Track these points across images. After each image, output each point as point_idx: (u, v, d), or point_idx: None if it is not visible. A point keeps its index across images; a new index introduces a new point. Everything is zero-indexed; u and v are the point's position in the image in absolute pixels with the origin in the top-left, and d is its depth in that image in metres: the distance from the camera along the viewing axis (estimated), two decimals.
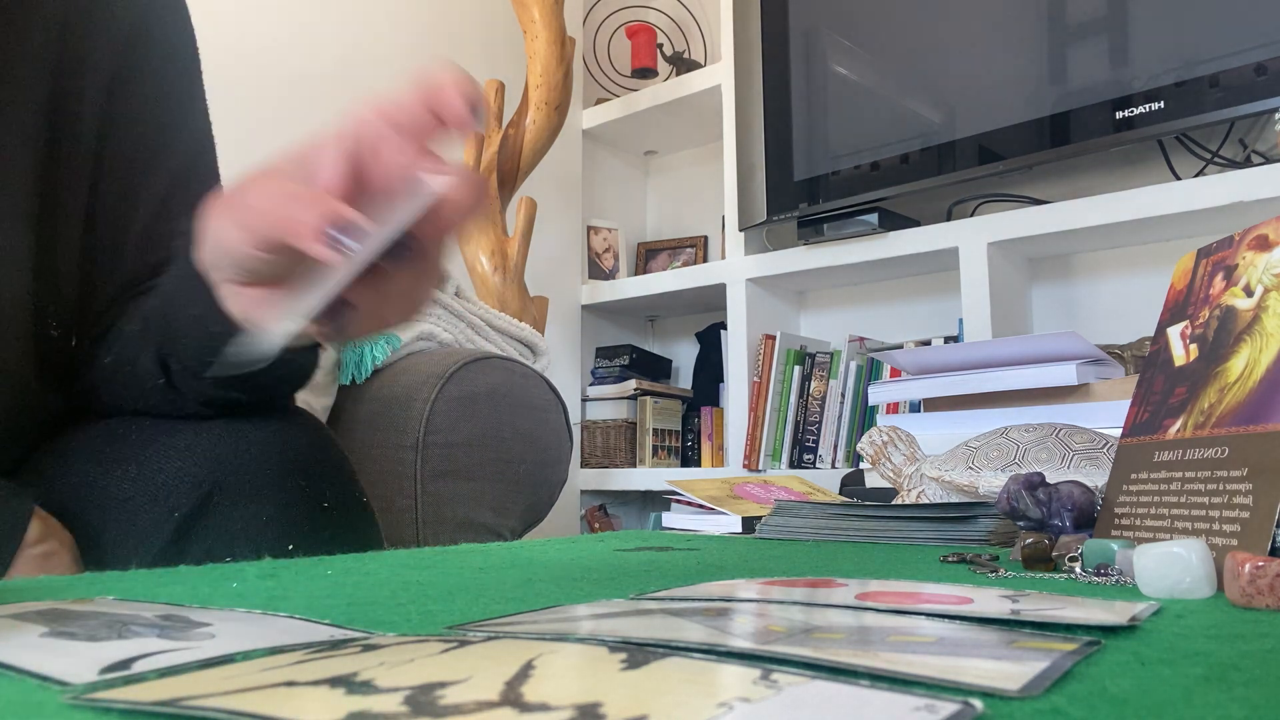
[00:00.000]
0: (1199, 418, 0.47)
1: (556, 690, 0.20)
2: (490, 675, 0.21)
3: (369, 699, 0.19)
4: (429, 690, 0.19)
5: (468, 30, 2.19)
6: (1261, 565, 0.33)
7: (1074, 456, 0.72)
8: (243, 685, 0.20)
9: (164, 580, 0.42)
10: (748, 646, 0.23)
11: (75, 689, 0.21)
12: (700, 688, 0.20)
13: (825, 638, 0.25)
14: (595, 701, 0.19)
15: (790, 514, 0.76)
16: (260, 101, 1.76)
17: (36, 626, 0.27)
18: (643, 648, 0.24)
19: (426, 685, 0.20)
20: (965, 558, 0.52)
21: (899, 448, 0.89)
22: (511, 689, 0.20)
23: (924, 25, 1.79)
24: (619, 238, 2.50)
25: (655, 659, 0.23)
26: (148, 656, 0.24)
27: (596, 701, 0.19)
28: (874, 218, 1.82)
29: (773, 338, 2.02)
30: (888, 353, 1.61)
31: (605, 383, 2.33)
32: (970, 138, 1.70)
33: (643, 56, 2.42)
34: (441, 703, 0.19)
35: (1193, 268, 0.54)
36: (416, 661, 0.22)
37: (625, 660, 0.23)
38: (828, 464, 1.93)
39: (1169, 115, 1.46)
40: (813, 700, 0.19)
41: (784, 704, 0.19)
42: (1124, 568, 0.42)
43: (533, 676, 0.21)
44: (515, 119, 2.01)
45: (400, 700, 0.19)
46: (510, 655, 0.23)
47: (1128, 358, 1.59)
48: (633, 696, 0.19)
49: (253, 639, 0.26)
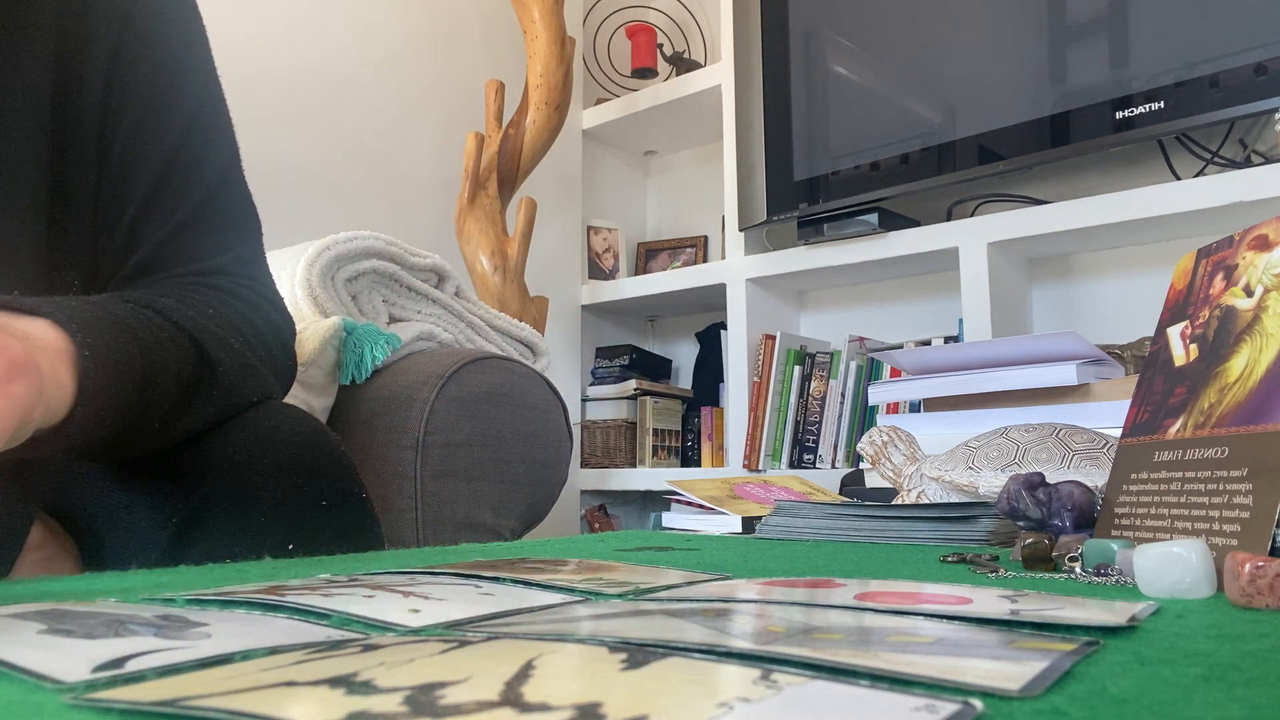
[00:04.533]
0: (1199, 418, 0.47)
1: (557, 690, 0.20)
2: (490, 675, 0.21)
3: (369, 699, 0.19)
4: (429, 690, 0.19)
5: (468, 30, 2.19)
6: (1261, 565, 0.33)
7: (1074, 456, 0.72)
8: (243, 685, 0.20)
9: (164, 580, 0.42)
10: (747, 647, 0.23)
11: (73, 688, 0.21)
12: (700, 688, 0.20)
13: (824, 638, 0.25)
14: (595, 701, 0.19)
15: (790, 514, 0.76)
16: (259, 101, 1.76)
17: (34, 625, 0.27)
18: (643, 648, 0.24)
19: (426, 685, 0.20)
20: (965, 558, 0.52)
21: (899, 448, 0.89)
22: (511, 689, 0.20)
23: (924, 25, 1.79)
24: (619, 238, 2.50)
25: (655, 659, 0.23)
26: (144, 655, 0.23)
27: (596, 701, 0.19)
28: (874, 218, 1.82)
29: (773, 338, 2.02)
30: (888, 353, 1.61)
31: (605, 383, 2.33)
32: (970, 138, 1.70)
33: (643, 56, 2.42)
34: (441, 703, 0.18)
35: (1193, 268, 0.54)
36: (417, 661, 0.22)
37: (625, 660, 0.22)
38: (828, 464, 1.93)
39: (1169, 115, 1.46)
40: (813, 700, 0.19)
41: (784, 704, 0.19)
42: (1124, 568, 0.42)
43: (533, 676, 0.21)
44: (515, 119, 2.01)
45: (400, 700, 0.19)
46: (510, 655, 0.23)
47: (1128, 358, 1.59)
48: (633, 696, 0.19)
49: (250, 639, 0.26)
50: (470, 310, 1.33)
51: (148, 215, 0.65)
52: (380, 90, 2.01)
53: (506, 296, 1.91)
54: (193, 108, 0.68)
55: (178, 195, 0.66)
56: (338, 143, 1.92)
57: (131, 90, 0.65)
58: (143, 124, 0.65)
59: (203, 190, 0.67)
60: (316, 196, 1.84)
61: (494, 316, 1.37)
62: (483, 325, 1.34)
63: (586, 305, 2.38)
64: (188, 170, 0.66)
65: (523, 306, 1.92)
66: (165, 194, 0.66)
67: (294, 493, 0.59)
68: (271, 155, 1.78)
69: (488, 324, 1.35)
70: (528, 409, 1.16)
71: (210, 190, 0.67)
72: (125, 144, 0.65)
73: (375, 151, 1.99)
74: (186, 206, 0.65)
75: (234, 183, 0.70)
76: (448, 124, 2.12)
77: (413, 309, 1.26)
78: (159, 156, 0.66)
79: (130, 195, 0.65)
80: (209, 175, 0.67)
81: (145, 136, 0.65)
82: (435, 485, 1.06)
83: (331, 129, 1.91)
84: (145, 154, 0.65)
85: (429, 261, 1.26)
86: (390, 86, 2.03)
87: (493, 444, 1.11)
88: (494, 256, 1.92)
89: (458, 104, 2.14)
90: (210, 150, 0.68)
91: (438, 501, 1.06)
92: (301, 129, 1.85)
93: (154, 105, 0.66)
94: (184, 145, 0.66)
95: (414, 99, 2.08)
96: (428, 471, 1.05)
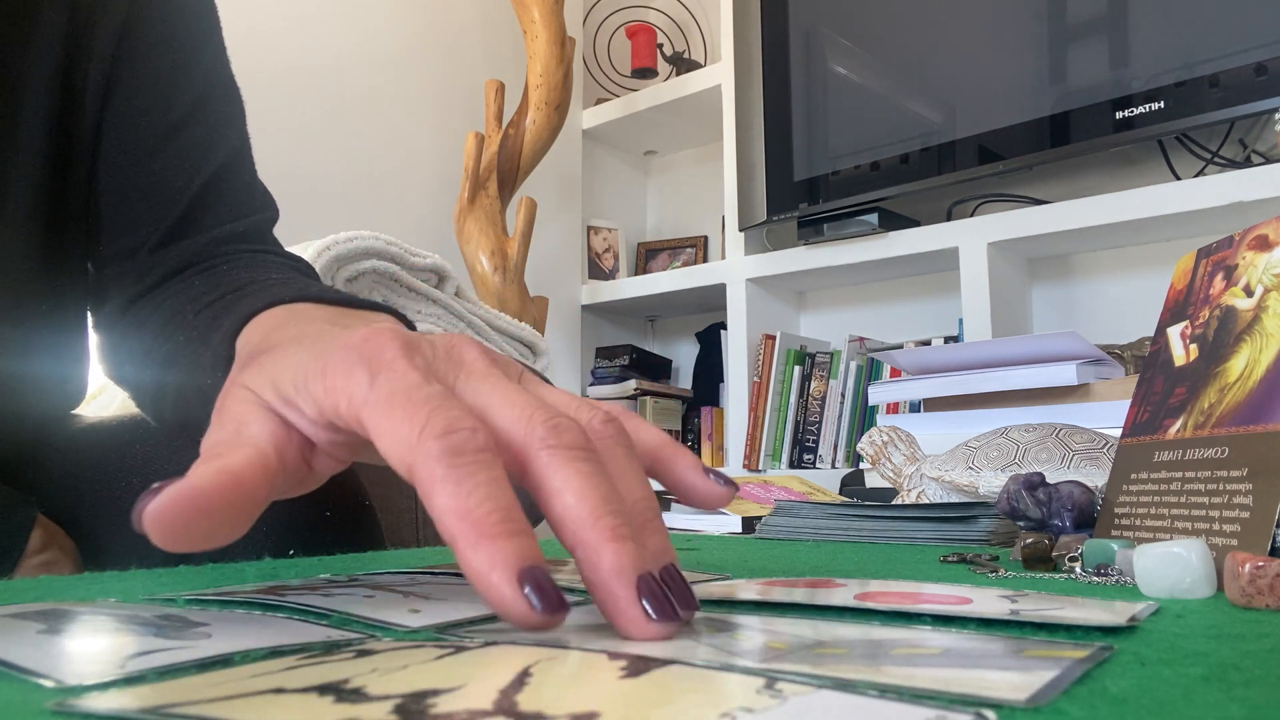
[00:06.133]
0: (1199, 418, 0.47)
1: (552, 699, 0.19)
2: (484, 683, 0.20)
3: (358, 708, 0.18)
4: (420, 699, 0.19)
5: (468, 30, 2.19)
6: (1261, 565, 0.33)
7: (1074, 456, 0.72)
8: (229, 692, 0.20)
9: (164, 580, 0.42)
10: (749, 664, 0.23)
11: (63, 692, 0.21)
12: (702, 697, 0.20)
13: (830, 653, 0.24)
14: (592, 711, 0.18)
15: (790, 514, 0.76)
16: (259, 101, 1.75)
17: (34, 625, 0.27)
18: (643, 656, 0.24)
19: (418, 693, 0.19)
20: (965, 558, 0.52)
21: (899, 448, 0.89)
22: (506, 697, 0.19)
23: (924, 25, 1.79)
24: (619, 238, 2.50)
25: (655, 667, 0.22)
26: (144, 655, 0.23)
27: (593, 711, 0.18)
28: (874, 218, 1.82)
29: (773, 338, 2.02)
30: (888, 353, 1.61)
31: (605, 383, 2.33)
32: (970, 138, 1.70)
33: (643, 56, 2.42)
34: (432, 711, 0.18)
35: (1193, 268, 0.54)
36: (410, 668, 0.22)
37: (625, 668, 0.22)
38: (828, 464, 1.93)
39: (1169, 115, 1.46)
40: (818, 711, 0.18)
41: (789, 715, 0.18)
42: (1124, 568, 0.42)
43: (528, 685, 0.20)
44: (515, 119, 2.01)
45: (390, 709, 0.18)
46: (506, 662, 0.23)
47: (1128, 358, 1.59)
48: (631, 706, 0.19)
49: (250, 639, 0.26)
50: (470, 310, 1.33)
51: (158, 187, 0.64)
52: (381, 90, 2.01)
53: (506, 296, 1.91)
54: (200, 93, 0.67)
55: (189, 171, 0.64)
56: (338, 143, 1.92)
57: (137, 71, 0.65)
58: (146, 110, 0.65)
59: (211, 170, 0.66)
60: (316, 196, 1.84)
61: (494, 316, 1.37)
62: (483, 325, 1.34)
63: (586, 305, 2.38)
64: (196, 151, 0.65)
65: (523, 306, 1.92)
66: (174, 161, 0.65)
67: (301, 504, 0.59)
68: (272, 155, 1.77)
69: (488, 324, 1.35)
70: None
71: (221, 166, 0.66)
72: (125, 124, 0.64)
73: (375, 151, 1.99)
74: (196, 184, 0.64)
75: (245, 165, 0.69)
76: (448, 124, 2.12)
77: (413, 309, 1.26)
78: (165, 131, 0.64)
79: (142, 166, 0.64)
80: (215, 160, 0.66)
81: (148, 117, 0.65)
82: None
83: (332, 129, 1.91)
84: (148, 131, 0.65)
85: (429, 261, 1.26)
86: (390, 86, 2.03)
87: None
88: (494, 256, 1.92)
89: (458, 104, 2.14)
90: (219, 137, 0.67)
91: None
92: (302, 129, 1.85)
93: (157, 87, 0.65)
94: (188, 128, 0.66)
95: (414, 99, 2.08)
96: None
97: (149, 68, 0.65)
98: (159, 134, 0.64)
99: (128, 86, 0.64)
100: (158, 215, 0.63)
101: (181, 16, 0.68)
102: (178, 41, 0.67)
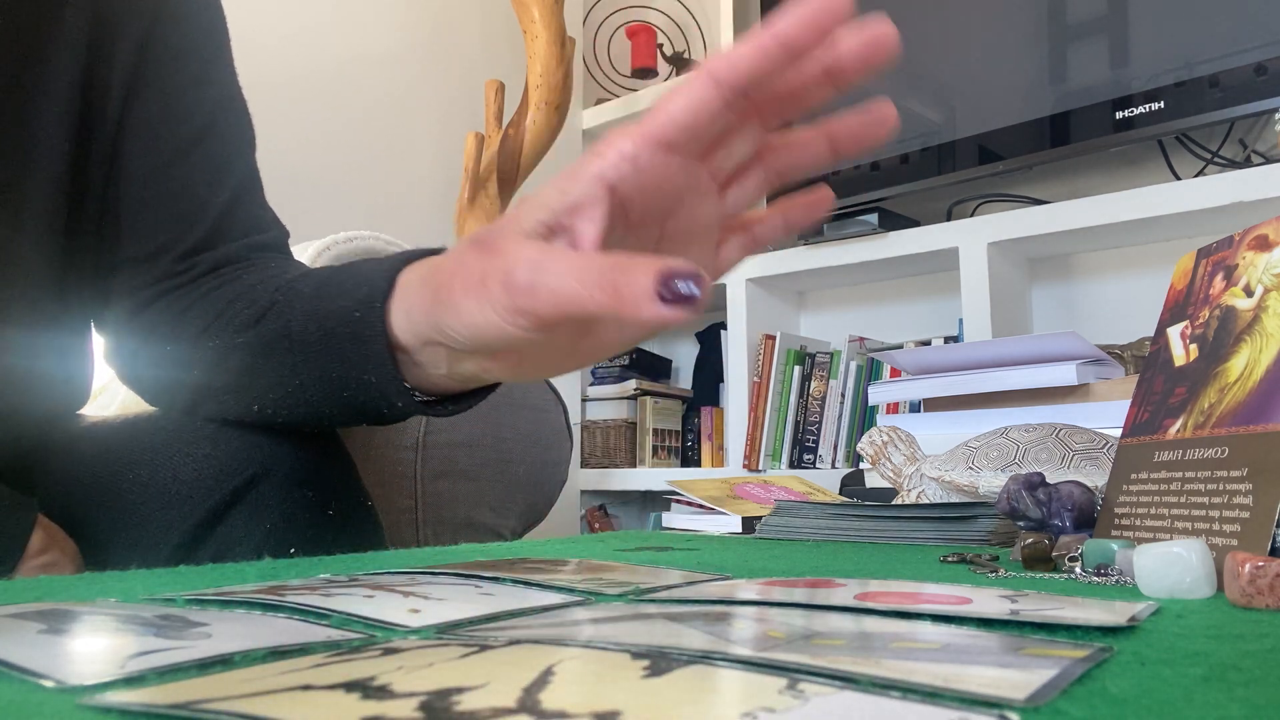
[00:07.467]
0: (1199, 418, 0.47)
1: (575, 698, 0.19)
2: (508, 681, 0.21)
3: (384, 704, 0.19)
4: (445, 696, 0.19)
5: (468, 30, 2.19)
6: (1261, 565, 0.33)
7: (1074, 456, 0.72)
8: (258, 689, 0.20)
9: (164, 580, 0.42)
10: (745, 654, 0.23)
11: (75, 689, 0.21)
12: (724, 696, 0.20)
13: (825, 644, 0.24)
14: (614, 710, 0.18)
15: (790, 514, 0.76)
16: (259, 101, 1.75)
17: (34, 625, 0.27)
18: (665, 655, 0.24)
19: (443, 691, 0.20)
20: (965, 558, 0.52)
21: (899, 448, 0.89)
22: (529, 695, 0.19)
23: (924, 25, 1.79)
24: None
25: (678, 666, 0.22)
26: (144, 655, 0.23)
27: (615, 710, 0.18)
28: (874, 218, 1.82)
29: (773, 338, 2.02)
30: (888, 353, 1.60)
31: (605, 383, 2.33)
32: (970, 138, 1.70)
33: (643, 56, 2.42)
34: (457, 709, 0.18)
35: (1193, 268, 0.54)
36: (435, 666, 0.22)
37: (647, 668, 0.22)
38: (828, 464, 1.93)
39: (1169, 115, 1.46)
40: (840, 712, 0.18)
41: (810, 715, 0.18)
42: (1124, 568, 0.42)
43: (552, 683, 0.21)
44: (515, 119, 2.01)
45: (415, 706, 0.18)
46: (530, 661, 0.23)
47: (1128, 358, 1.59)
48: (653, 705, 0.19)
49: (250, 639, 0.26)
50: None
51: (180, 194, 0.65)
52: (380, 90, 2.01)
53: None
54: (218, 103, 0.69)
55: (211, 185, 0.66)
56: (338, 143, 1.92)
57: (159, 79, 0.66)
58: (167, 119, 0.66)
59: (235, 182, 0.68)
60: (316, 197, 1.84)
61: None
62: None
63: None
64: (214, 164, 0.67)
65: None
66: (191, 166, 0.66)
67: (304, 504, 0.59)
68: (271, 155, 1.77)
69: None
70: (528, 409, 1.16)
71: (242, 179, 0.69)
72: (146, 132, 0.65)
73: (375, 152, 1.99)
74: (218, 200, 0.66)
75: (259, 181, 0.72)
76: (448, 124, 2.12)
77: None
78: (183, 141, 0.66)
79: (162, 175, 0.65)
80: (237, 173, 0.69)
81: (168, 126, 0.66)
82: (435, 485, 1.06)
83: (331, 129, 1.91)
84: (171, 141, 0.65)
85: None
86: (390, 86, 2.03)
87: (493, 444, 1.11)
88: None
89: (458, 104, 2.14)
90: (235, 150, 0.69)
91: (438, 501, 1.06)
92: (301, 129, 1.85)
93: (178, 97, 0.66)
94: (208, 139, 0.67)
95: (414, 99, 2.08)
96: (428, 472, 1.05)
97: (170, 77, 0.66)
98: (180, 143, 0.66)
99: (149, 95, 0.65)
100: (183, 224, 0.64)
101: (200, 29, 0.70)
102: (197, 52, 0.68)
